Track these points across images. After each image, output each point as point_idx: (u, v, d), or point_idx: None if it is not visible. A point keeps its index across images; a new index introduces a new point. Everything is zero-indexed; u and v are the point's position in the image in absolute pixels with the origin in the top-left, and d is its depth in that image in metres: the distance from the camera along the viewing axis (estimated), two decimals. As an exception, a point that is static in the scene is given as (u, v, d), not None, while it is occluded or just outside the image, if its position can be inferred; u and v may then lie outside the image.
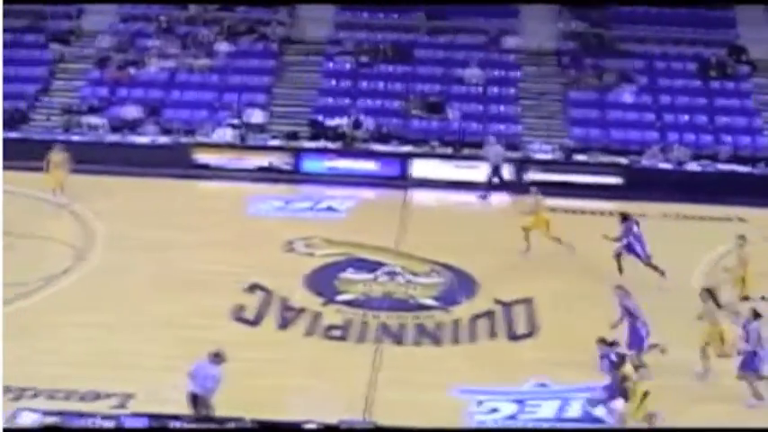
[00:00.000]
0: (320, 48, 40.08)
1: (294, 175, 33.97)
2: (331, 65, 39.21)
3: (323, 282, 24.31)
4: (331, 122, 35.88)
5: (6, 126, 36.04)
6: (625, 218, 24.89)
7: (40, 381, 18.61)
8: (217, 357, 16.57)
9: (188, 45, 39.59)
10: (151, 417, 16.36)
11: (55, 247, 26.46)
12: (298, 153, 34.54)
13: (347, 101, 37.25)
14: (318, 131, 35.70)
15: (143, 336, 20.80)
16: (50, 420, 15.88)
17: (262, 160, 34.31)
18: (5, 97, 37.68)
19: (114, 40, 40.00)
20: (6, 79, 38.81)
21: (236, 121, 35.64)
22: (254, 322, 21.99)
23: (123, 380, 18.64)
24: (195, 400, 16.46)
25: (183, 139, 34.91)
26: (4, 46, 40.35)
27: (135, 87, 38.11)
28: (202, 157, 34.38)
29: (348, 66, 38.96)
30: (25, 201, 29.92)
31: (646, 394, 16.59)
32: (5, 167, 32.08)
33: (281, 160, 34.30)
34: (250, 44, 40.12)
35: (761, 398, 18.51)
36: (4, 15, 41.17)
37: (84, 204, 29.57)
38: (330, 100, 37.66)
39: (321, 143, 35.11)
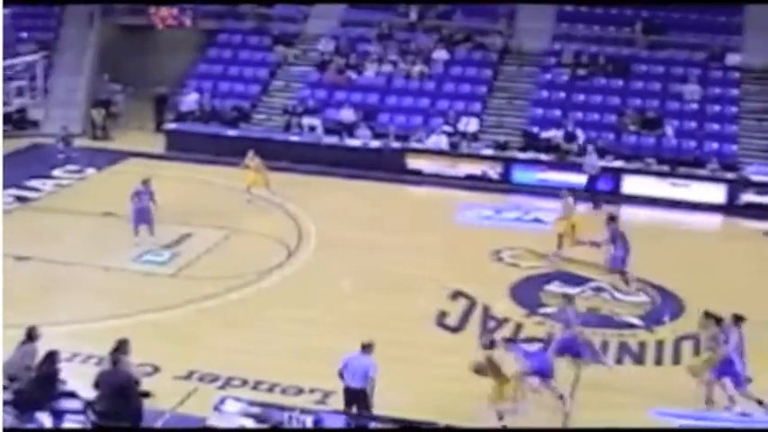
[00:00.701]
0: (537, 59, 39.96)
1: (504, 185, 33.96)
2: (547, 76, 39.02)
3: (527, 293, 24.24)
4: (544, 134, 35.69)
5: (229, 124, 37.39)
6: (612, 219, 24.99)
7: (245, 371, 19.28)
8: (368, 348, 17.06)
9: (406, 52, 40.12)
10: (349, 415, 16.67)
11: (268, 243, 27.21)
12: (509, 163, 34.51)
13: (561, 113, 36.98)
14: (531, 142, 35.59)
15: (347, 334, 21.06)
16: (253, 411, 16.34)
17: (473, 168, 34.44)
18: (231, 96, 39.12)
19: (335, 44, 40.88)
20: (232, 79, 40.34)
21: (449, 129, 35.89)
22: (456, 329, 22.14)
23: (325, 377, 18.99)
24: (353, 395, 16.87)
25: (396, 144, 35.35)
26: (234, 46, 41.96)
27: (352, 91, 38.84)
28: (414, 162, 34.78)
29: (564, 78, 38.69)
30: (239, 196, 30.90)
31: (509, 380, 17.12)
32: (226, 163, 33.27)
33: (492, 169, 34.36)
34: (468, 53, 40.32)
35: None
36: (233, 17, 42.86)
37: (297, 203, 30.35)
38: (544, 111, 37.48)
39: (533, 154, 34.96)
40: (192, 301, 22.94)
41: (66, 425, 16.38)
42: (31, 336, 17.80)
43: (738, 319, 18.70)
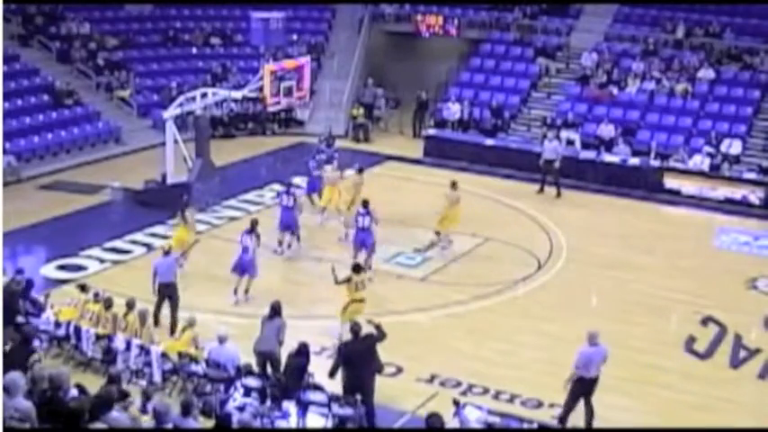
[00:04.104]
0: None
1: (765, 211, 32.63)
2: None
3: (781, 325, 23.36)
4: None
5: (487, 133, 37.62)
6: None
7: (487, 379, 19.41)
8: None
9: (671, 69, 39.32)
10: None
11: (519, 254, 27.22)
12: (773, 189, 33.23)
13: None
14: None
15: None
16: (492, 420, 16.44)
17: (733, 192, 33.32)
18: (491, 105, 39.40)
19: (598, 58, 40.49)
20: (493, 88, 40.62)
21: (711, 150, 34.90)
22: (705, 356, 21.56)
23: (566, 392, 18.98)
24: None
25: (655, 163, 34.64)
26: (497, 57, 42.24)
27: (613, 107, 38.35)
28: (672, 182, 33.92)
29: (838, 102, 37.04)
30: (493, 205, 31.06)
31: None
32: (482, 172, 33.55)
33: (753, 194, 33.14)
34: (735, 73, 39.12)
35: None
36: (497, 27, 43.18)
37: (551, 216, 30.25)
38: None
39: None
40: (439, 306, 23.25)
41: (311, 417, 16.91)
42: (276, 310, 18.59)
43: None
